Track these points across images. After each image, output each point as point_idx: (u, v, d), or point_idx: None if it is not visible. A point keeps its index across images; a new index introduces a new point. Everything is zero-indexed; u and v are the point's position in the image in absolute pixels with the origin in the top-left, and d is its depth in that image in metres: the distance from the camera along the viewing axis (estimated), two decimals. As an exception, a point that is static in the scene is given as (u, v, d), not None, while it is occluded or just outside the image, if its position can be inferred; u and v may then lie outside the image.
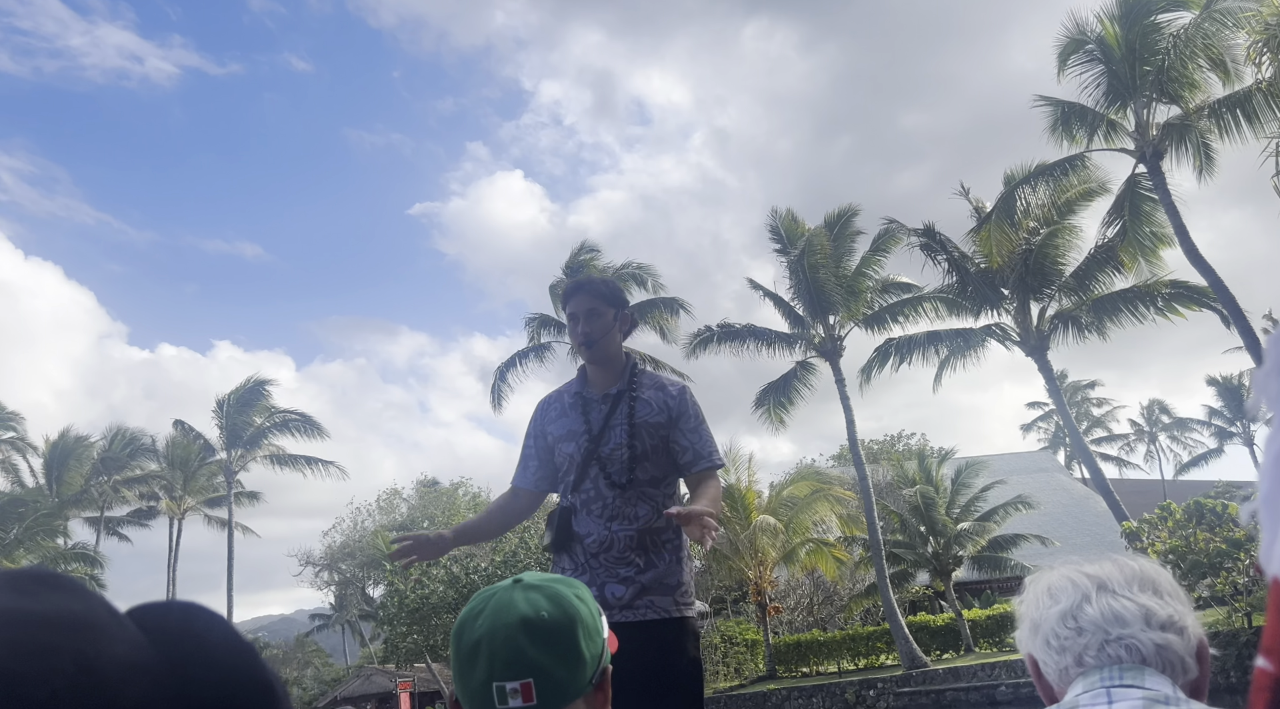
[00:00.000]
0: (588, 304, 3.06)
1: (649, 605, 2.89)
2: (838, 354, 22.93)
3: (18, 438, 36.86)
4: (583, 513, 3.01)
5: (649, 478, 3.00)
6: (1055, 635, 1.24)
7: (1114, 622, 1.20)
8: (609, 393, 3.08)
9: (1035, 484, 37.05)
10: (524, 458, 3.19)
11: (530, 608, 1.21)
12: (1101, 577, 1.26)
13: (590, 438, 3.01)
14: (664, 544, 2.98)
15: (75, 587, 0.48)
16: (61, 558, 30.29)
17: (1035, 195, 17.31)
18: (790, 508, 29.09)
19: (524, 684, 1.16)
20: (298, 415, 34.82)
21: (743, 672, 29.84)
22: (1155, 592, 1.23)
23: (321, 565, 48.57)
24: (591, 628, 1.25)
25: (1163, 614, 1.20)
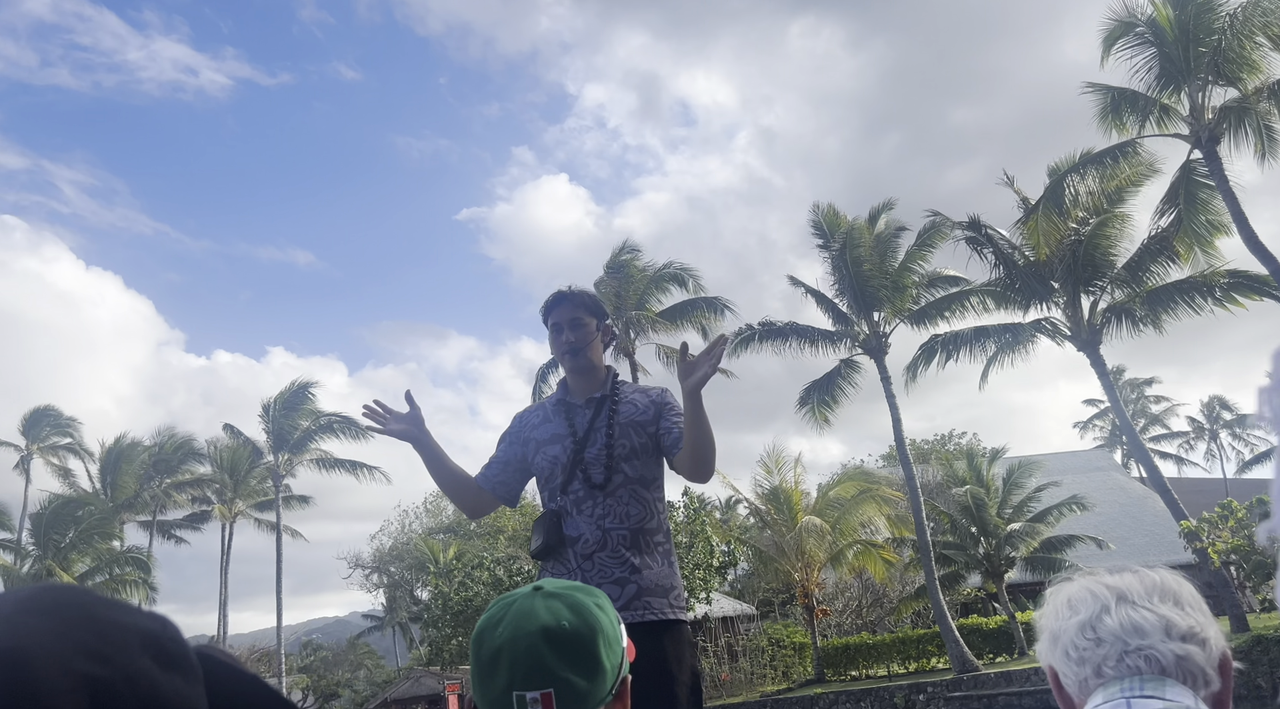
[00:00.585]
0: (571, 314, 3.11)
1: (645, 607, 2.90)
2: (883, 351, 22.46)
3: (75, 443, 37.71)
4: (573, 514, 3.00)
5: (639, 477, 3.02)
6: (1074, 646, 1.24)
7: (1133, 632, 1.20)
8: (592, 397, 3.12)
9: (1091, 484, 36.15)
10: (491, 459, 3.22)
11: (552, 617, 1.20)
12: (1121, 587, 1.26)
13: (575, 440, 3.04)
14: (656, 546, 3.01)
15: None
16: (115, 561, 30.81)
17: (1084, 183, 16.67)
18: (837, 509, 28.66)
19: (544, 694, 1.16)
20: (342, 418, 35.08)
21: (791, 675, 29.47)
22: (1176, 603, 1.22)
23: (371, 568, 49.05)
24: (612, 637, 1.24)
25: (1183, 625, 1.19)
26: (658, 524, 3.05)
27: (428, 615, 28.01)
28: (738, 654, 29.98)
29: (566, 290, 3.18)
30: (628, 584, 2.90)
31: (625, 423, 3.05)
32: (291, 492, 38.69)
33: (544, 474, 3.08)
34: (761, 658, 29.59)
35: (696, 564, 23.66)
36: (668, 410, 3.11)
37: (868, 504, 28.09)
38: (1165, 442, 55.86)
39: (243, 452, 36.09)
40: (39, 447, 36.50)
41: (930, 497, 31.50)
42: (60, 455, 37.63)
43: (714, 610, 30.19)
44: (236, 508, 37.70)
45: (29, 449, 36.20)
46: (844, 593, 33.51)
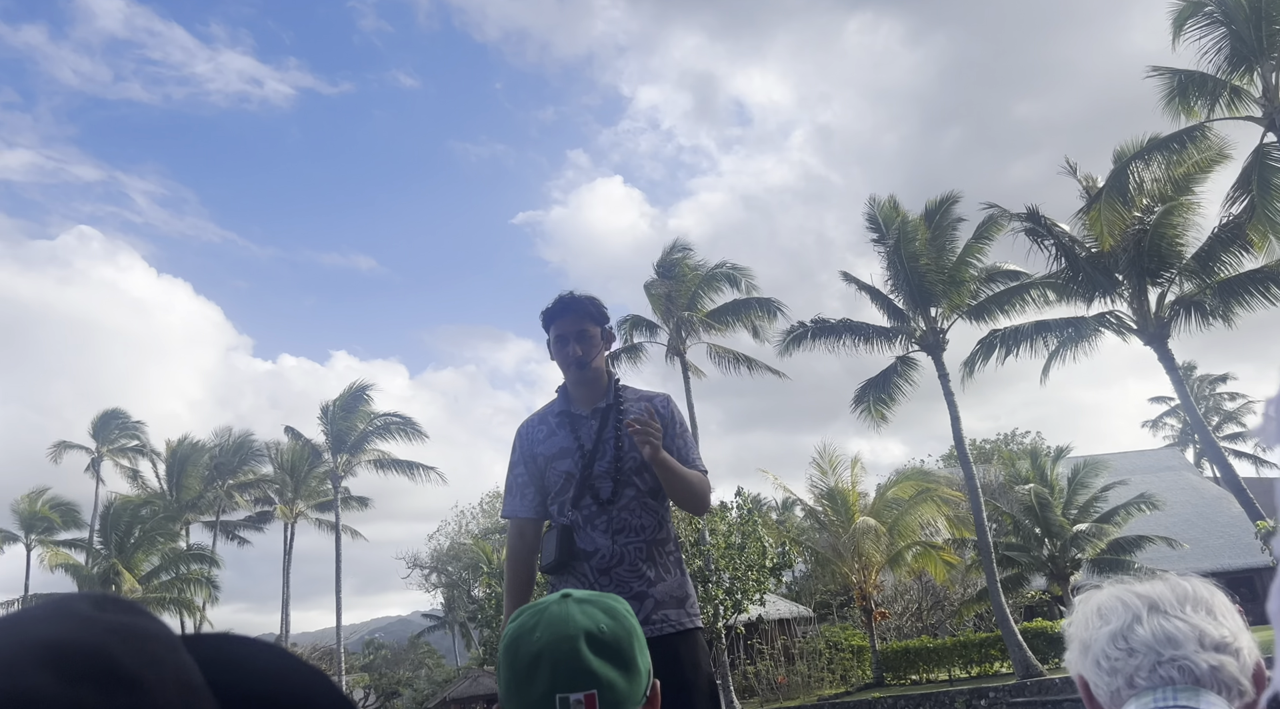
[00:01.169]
0: (577, 325, 3.05)
1: (663, 619, 2.90)
2: (940, 348, 21.89)
3: (142, 445, 38.66)
4: (586, 529, 2.98)
5: (649, 488, 3.00)
6: (1106, 657, 1.23)
7: (1166, 643, 1.18)
8: (597, 407, 3.07)
9: (1161, 484, 35.01)
10: (517, 487, 3.13)
11: (589, 621, 1.21)
12: (1153, 597, 1.24)
13: (584, 453, 3.00)
14: (667, 556, 3.01)
15: (151, 613, 0.51)
16: (180, 559, 31.48)
17: (1149, 170, 15.99)
18: (895, 509, 28.14)
19: (588, 696, 1.16)
20: (399, 419, 35.41)
21: (849, 679, 29.00)
22: (1209, 612, 1.20)
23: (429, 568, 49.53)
24: (642, 642, 1.26)
25: (1217, 635, 1.18)
26: (667, 534, 3.04)
27: (481, 615, 28.10)
28: (794, 657, 29.59)
29: (570, 298, 3.12)
30: (646, 598, 2.89)
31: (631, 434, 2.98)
32: (350, 493, 39.21)
33: (555, 488, 3.05)
34: (819, 661, 29.17)
35: (749, 565, 23.34)
36: (670, 425, 3.07)
37: (926, 505, 27.53)
38: (1240, 440, 53.89)
39: (303, 453, 36.62)
40: (108, 449, 37.47)
41: (992, 497, 30.80)
42: (130, 457, 38.62)
43: (769, 612, 29.85)
44: (297, 508, 38.26)
45: (99, 451, 37.19)
46: (903, 595, 32.91)
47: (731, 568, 23.28)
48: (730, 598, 23.20)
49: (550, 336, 3.09)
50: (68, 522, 34.61)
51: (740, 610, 23.45)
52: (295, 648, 42.29)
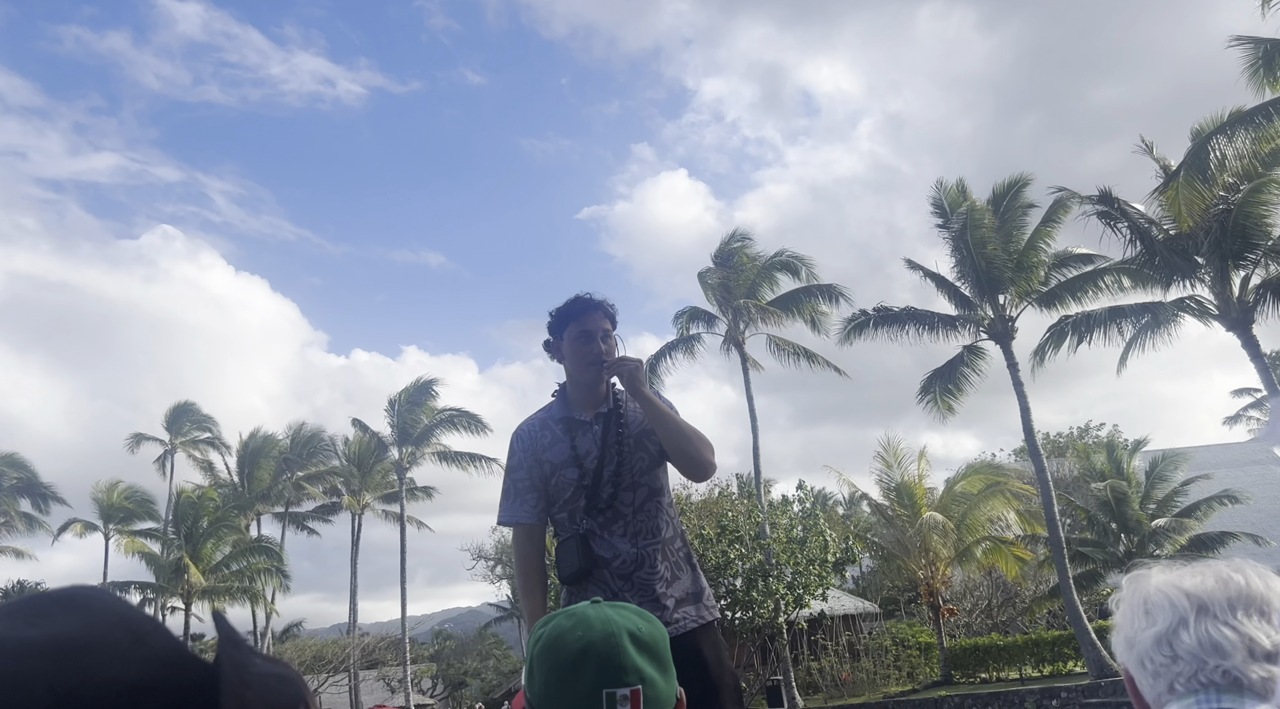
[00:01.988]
0: (604, 325, 3.02)
1: (684, 616, 2.93)
2: (1009, 336, 21.14)
3: (214, 437, 39.61)
4: (602, 535, 2.97)
5: (657, 487, 3.02)
6: (1150, 659, 1.19)
7: (1213, 651, 1.13)
8: (599, 412, 3.04)
9: (1247, 478, 33.48)
10: (517, 492, 3.05)
11: (628, 621, 1.23)
12: (1202, 597, 1.18)
13: (593, 460, 2.99)
14: (678, 552, 3.03)
15: (92, 607, 0.48)
16: (248, 551, 32.12)
17: (1232, 146, 15.09)
18: (963, 504, 27.46)
19: (634, 691, 1.17)
20: (462, 413, 35.69)
21: (916, 676, 28.40)
22: (1261, 614, 1.16)
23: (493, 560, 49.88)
24: (669, 646, 1.27)
25: (1268, 644, 1.14)
26: (674, 531, 3.04)
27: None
28: (860, 653, 29.07)
29: (591, 298, 3.06)
30: (666, 598, 2.91)
31: (638, 434, 3.02)
32: (416, 484, 39.63)
33: (563, 496, 3.00)
34: (885, 658, 28.62)
35: (811, 560, 22.89)
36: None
37: (995, 499, 26.78)
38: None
39: (369, 445, 37.10)
40: (181, 441, 38.45)
41: (1066, 491, 29.86)
42: (201, 449, 39.59)
43: (834, 608, 29.35)
44: (364, 500, 38.80)
45: (172, 443, 38.18)
46: (973, 592, 32.14)
47: (793, 562, 22.86)
48: (791, 592, 22.78)
49: (570, 333, 3.01)
50: (143, 512, 35.60)
51: (801, 605, 23.02)
52: (365, 637, 42.99)
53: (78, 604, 0.47)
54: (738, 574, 22.87)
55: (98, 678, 0.43)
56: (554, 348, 3.08)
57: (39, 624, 0.45)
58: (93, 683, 0.43)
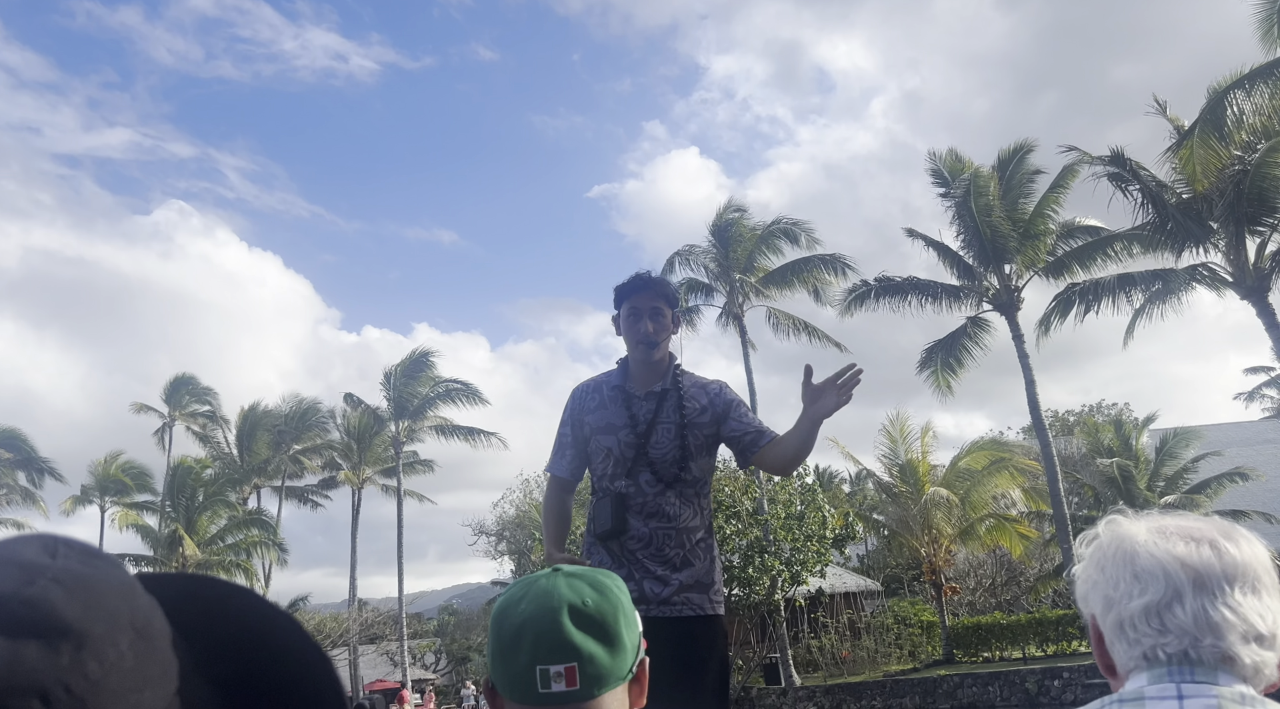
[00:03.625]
0: (652, 302, 3.05)
1: (685, 602, 2.96)
2: (1014, 307, 20.46)
3: (213, 410, 39.28)
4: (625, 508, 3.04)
5: (694, 477, 3.04)
6: (1134, 628, 1.14)
7: (1208, 629, 1.10)
8: (653, 390, 3.08)
9: (1260, 457, 32.77)
10: (560, 447, 3.19)
11: (574, 594, 1.20)
12: (1199, 569, 1.12)
13: (635, 434, 3.01)
14: (698, 543, 3.04)
15: (111, 557, 0.51)
16: (242, 524, 31.83)
17: (1251, 100, 14.33)
18: (967, 481, 26.92)
19: (568, 668, 1.16)
20: (460, 385, 35.18)
21: (918, 654, 27.98)
22: (1255, 591, 1.12)
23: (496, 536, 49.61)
24: (631, 616, 1.24)
25: (1262, 626, 1.10)
26: (701, 521, 3.06)
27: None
28: (860, 631, 28.64)
29: (649, 276, 3.11)
30: (670, 581, 2.94)
31: (690, 421, 3.03)
32: (419, 458, 39.26)
33: (596, 460, 3.09)
34: (886, 636, 28.19)
35: (809, 536, 22.37)
36: (733, 408, 3.09)
37: (1000, 475, 26.23)
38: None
39: (366, 419, 36.68)
40: (179, 413, 38.13)
41: (1074, 469, 29.29)
42: (201, 422, 39.29)
43: (835, 585, 28.90)
44: (364, 474, 38.44)
45: (170, 415, 37.87)
46: (976, 570, 31.67)
47: (790, 538, 22.36)
48: (789, 569, 22.29)
49: (623, 311, 3.07)
50: (140, 484, 35.36)
51: (799, 582, 22.52)
52: (365, 611, 42.81)
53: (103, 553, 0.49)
54: (734, 550, 22.41)
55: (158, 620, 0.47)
56: (616, 322, 3.14)
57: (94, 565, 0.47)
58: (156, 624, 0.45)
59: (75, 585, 0.45)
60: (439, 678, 51.54)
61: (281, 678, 0.53)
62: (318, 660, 0.55)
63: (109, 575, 0.47)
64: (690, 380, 3.14)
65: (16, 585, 0.44)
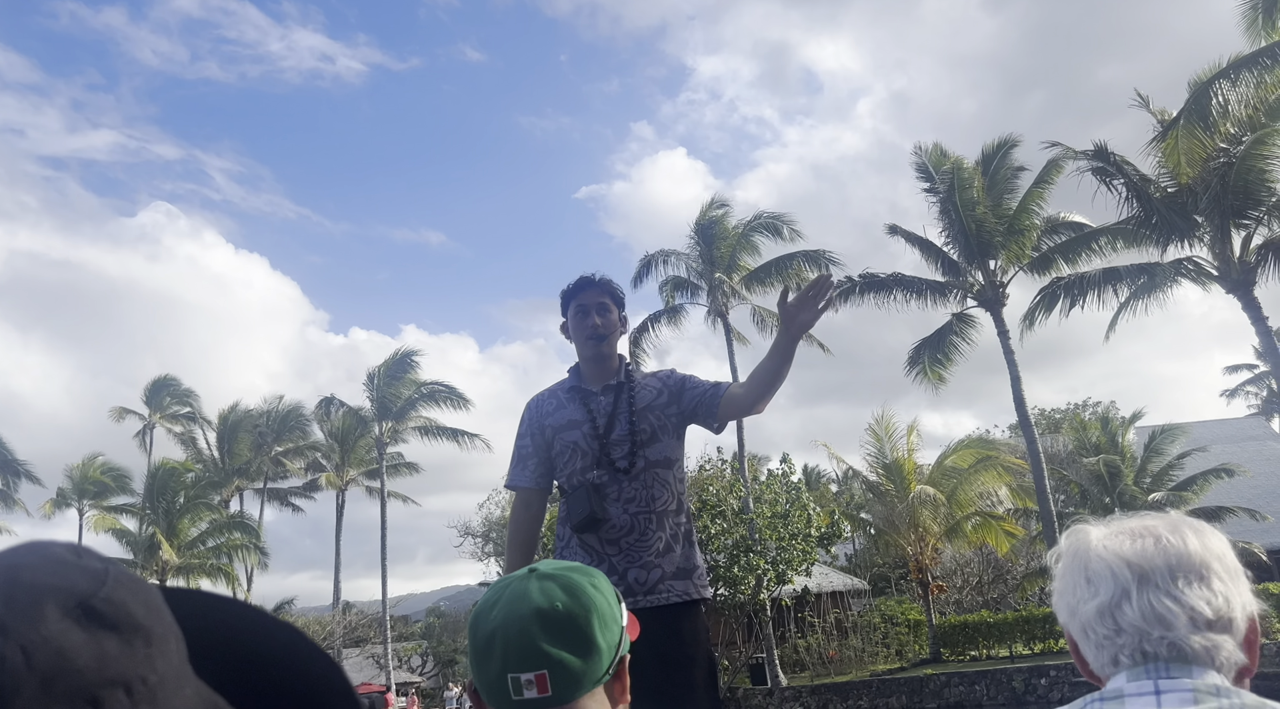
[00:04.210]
0: (598, 299, 3.12)
1: (669, 590, 2.96)
2: (1000, 303, 20.33)
3: (194, 412, 38.84)
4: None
5: (661, 458, 3.05)
6: (1093, 630, 1.17)
7: (1156, 623, 1.13)
8: (608, 384, 3.13)
9: (1244, 454, 32.84)
10: (520, 458, 3.19)
11: (545, 599, 1.19)
12: (1143, 565, 1.16)
13: (594, 426, 3.06)
14: (678, 527, 3.06)
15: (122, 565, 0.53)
16: (225, 527, 31.44)
17: (1236, 91, 14.18)
18: (953, 478, 26.79)
19: (539, 675, 1.15)
20: (444, 387, 34.87)
21: (905, 654, 27.82)
22: (1202, 579, 1.14)
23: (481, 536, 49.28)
24: (608, 616, 1.22)
25: (1210, 612, 1.12)
26: (678, 506, 3.08)
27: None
28: (848, 630, 28.47)
29: (593, 276, 3.18)
30: (653, 568, 2.95)
31: (643, 408, 3.07)
32: (404, 459, 38.92)
33: (563, 459, 3.10)
34: (874, 635, 28.03)
35: (794, 534, 22.18)
36: (688, 380, 3.15)
37: (987, 473, 26.11)
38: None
39: (350, 420, 36.32)
40: (160, 415, 37.69)
41: (1060, 466, 29.21)
42: (182, 424, 38.85)
43: (822, 585, 28.75)
44: (348, 475, 38.06)
45: (151, 418, 37.43)
46: (964, 568, 31.55)
47: (776, 537, 22.16)
48: (774, 568, 22.09)
49: (570, 310, 3.14)
50: (120, 487, 34.91)
51: (784, 581, 22.33)
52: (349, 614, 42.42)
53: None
54: (720, 549, 22.20)
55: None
56: (565, 328, 3.20)
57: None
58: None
59: (136, 587, 0.48)
60: (425, 680, 51.16)
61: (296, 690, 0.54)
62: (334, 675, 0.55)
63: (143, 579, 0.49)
64: (642, 375, 3.22)
65: (94, 585, 0.46)
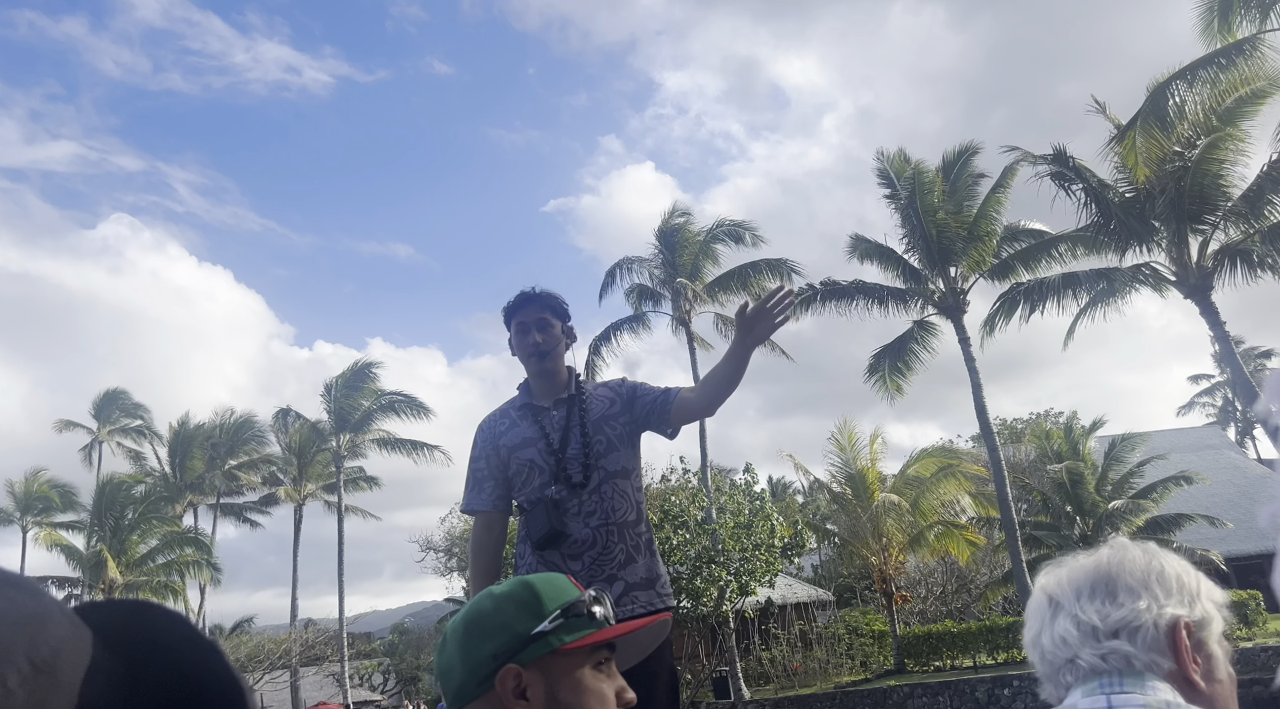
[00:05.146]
0: (538, 315, 3.09)
1: (634, 600, 2.93)
2: (960, 310, 20.23)
3: (145, 426, 37.86)
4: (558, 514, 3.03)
5: (619, 469, 3.02)
6: (1036, 664, 1.21)
7: (1063, 645, 1.16)
8: (559, 398, 3.10)
9: (1202, 463, 33.17)
10: (476, 481, 3.13)
11: (458, 615, 1.22)
12: (1056, 593, 1.20)
13: (549, 442, 3.02)
14: (639, 537, 3.01)
15: (31, 585, 0.50)
16: (177, 542, 30.59)
17: (1193, 92, 14.17)
18: (916, 487, 26.68)
19: (442, 685, 1.20)
20: (403, 397, 34.26)
21: (870, 665, 27.61)
22: (1107, 592, 1.16)
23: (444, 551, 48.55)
24: (489, 625, 1.18)
25: (1098, 621, 1.14)
26: (638, 515, 3.04)
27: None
28: (812, 642, 28.23)
29: (533, 292, 3.14)
30: (615, 581, 2.91)
31: (597, 419, 3.04)
32: (363, 473, 38.16)
33: (520, 478, 3.05)
34: (838, 646, 27.80)
35: (757, 544, 21.89)
36: (637, 391, 3.11)
37: (949, 481, 26.02)
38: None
39: (307, 433, 35.54)
40: (109, 429, 36.72)
41: (1023, 475, 29.22)
42: (133, 438, 37.87)
43: (786, 596, 28.49)
44: (306, 489, 37.24)
45: (99, 432, 36.45)
46: (928, 578, 31.45)
47: (739, 548, 21.86)
48: (737, 580, 21.77)
49: (512, 328, 3.11)
50: (66, 503, 33.91)
51: (747, 593, 22.02)
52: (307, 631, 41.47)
53: (16, 580, 0.47)
54: (683, 561, 21.86)
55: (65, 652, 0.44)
56: (510, 344, 3.17)
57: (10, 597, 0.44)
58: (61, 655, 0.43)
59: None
60: (386, 699, 50.21)
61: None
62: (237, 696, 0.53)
63: (10, 607, 0.44)
64: (592, 386, 3.19)
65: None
